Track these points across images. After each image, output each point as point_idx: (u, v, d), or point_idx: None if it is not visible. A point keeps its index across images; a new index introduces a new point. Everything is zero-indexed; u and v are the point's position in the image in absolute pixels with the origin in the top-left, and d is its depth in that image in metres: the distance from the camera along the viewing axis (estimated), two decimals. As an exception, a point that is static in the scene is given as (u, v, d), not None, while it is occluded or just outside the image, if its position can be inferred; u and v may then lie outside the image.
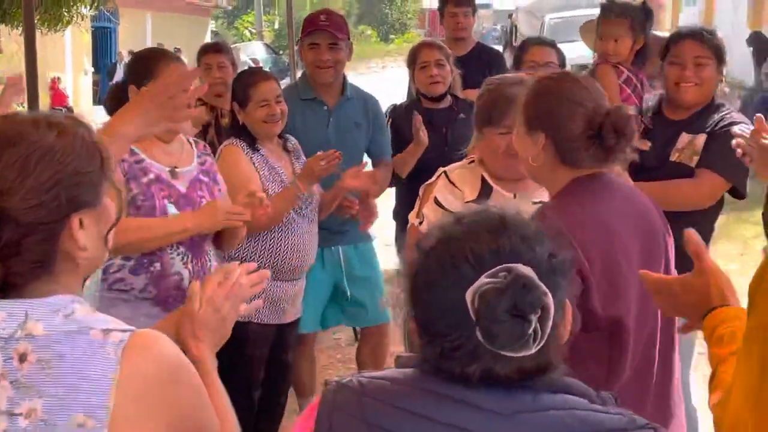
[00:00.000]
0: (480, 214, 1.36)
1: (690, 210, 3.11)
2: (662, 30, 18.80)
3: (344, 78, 4.15)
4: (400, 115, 4.35)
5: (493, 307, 1.22)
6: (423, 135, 4.05)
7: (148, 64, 2.97)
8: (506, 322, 1.22)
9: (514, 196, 2.75)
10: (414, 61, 4.33)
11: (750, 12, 16.77)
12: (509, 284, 1.23)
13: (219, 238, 3.12)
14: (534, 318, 1.23)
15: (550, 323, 1.25)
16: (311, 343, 4.21)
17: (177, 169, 3.00)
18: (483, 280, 1.24)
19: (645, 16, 3.95)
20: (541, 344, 1.24)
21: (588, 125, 2.13)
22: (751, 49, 13.42)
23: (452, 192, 2.82)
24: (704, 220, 3.20)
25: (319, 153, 3.53)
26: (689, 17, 21.66)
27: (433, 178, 2.92)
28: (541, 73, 2.91)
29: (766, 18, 15.65)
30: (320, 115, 4.05)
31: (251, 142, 3.57)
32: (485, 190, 2.80)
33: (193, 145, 3.15)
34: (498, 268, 1.25)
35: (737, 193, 3.28)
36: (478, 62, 4.87)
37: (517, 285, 1.23)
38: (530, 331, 1.23)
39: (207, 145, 3.32)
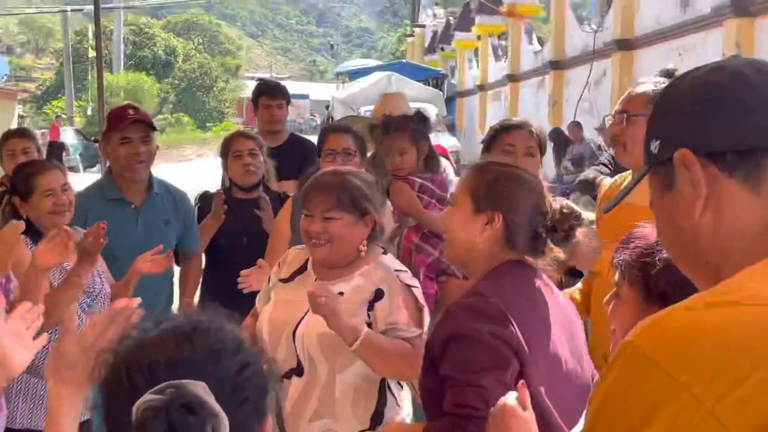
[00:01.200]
0: (176, 321, 1.28)
1: None
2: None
3: (150, 174, 4.03)
4: (208, 202, 4.27)
5: (150, 427, 1.12)
6: (220, 212, 4.04)
7: None
8: None
9: (315, 280, 2.78)
10: (227, 150, 4.28)
11: (550, 110, 17.92)
12: (169, 403, 1.13)
13: None
14: None
15: None
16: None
17: None
18: (147, 396, 1.14)
19: (423, 123, 4.10)
20: None
21: (543, 216, 2.16)
22: (552, 144, 14.31)
23: (278, 266, 2.92)
24: None
25: (85, 231, 3.31)
26: (495, 113, 22.92)
27: None
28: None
29: (564, 116, 16.75)
30: (128, 214, 3.90)
31: (36, 237, 3.25)
32: (299, 271, 2.86)
33: None
34: (165, 384, 1.15)
35: (575, 271, 3.42)
36: (292, 153, 4.89)
37: (176, 404, 1.13)
38: None
39: None
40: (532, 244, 2.17)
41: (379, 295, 2.71)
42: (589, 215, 3.22)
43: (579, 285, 3.20)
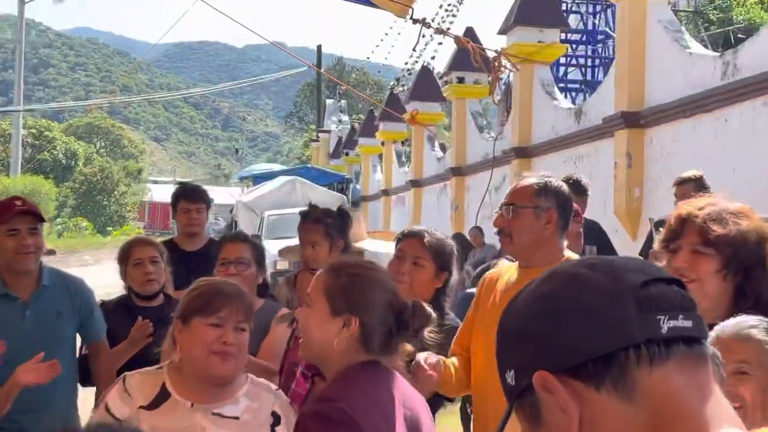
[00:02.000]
0: None
1: None
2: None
3: (41, 265, 3.89)
4: (111, 312, 4.15)
5: None
6: (140, 335, 3.89)
7: None
8: None
9: (192, 405, 2.52)
10: (127, 258, 4.17)
11: (452, 215, 18.25)
12: None
13: None
14: None
15: None
16: None
17: None
18: None
19: (342, 220, 4.12)
20: None
21: (396, 314, 2.20)
22: (455, 248, 14.47)
23: (123, 398, 2.56)
24: None
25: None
26: (399, 218, 23.20)
27: (113, 384, 2.68)
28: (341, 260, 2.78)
29: (466, 221, 17.07)
30: (14, 310, 3.75)
31: None
32: (162, 397, 2.54)
33: None
34: None
35: None
36: (210, 258, 4.85)
37: None
38: None
39: None
40: (385, 344, 2.22)
41: (277, 420, 2.57)
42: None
43: (454, 359, 3.16)
